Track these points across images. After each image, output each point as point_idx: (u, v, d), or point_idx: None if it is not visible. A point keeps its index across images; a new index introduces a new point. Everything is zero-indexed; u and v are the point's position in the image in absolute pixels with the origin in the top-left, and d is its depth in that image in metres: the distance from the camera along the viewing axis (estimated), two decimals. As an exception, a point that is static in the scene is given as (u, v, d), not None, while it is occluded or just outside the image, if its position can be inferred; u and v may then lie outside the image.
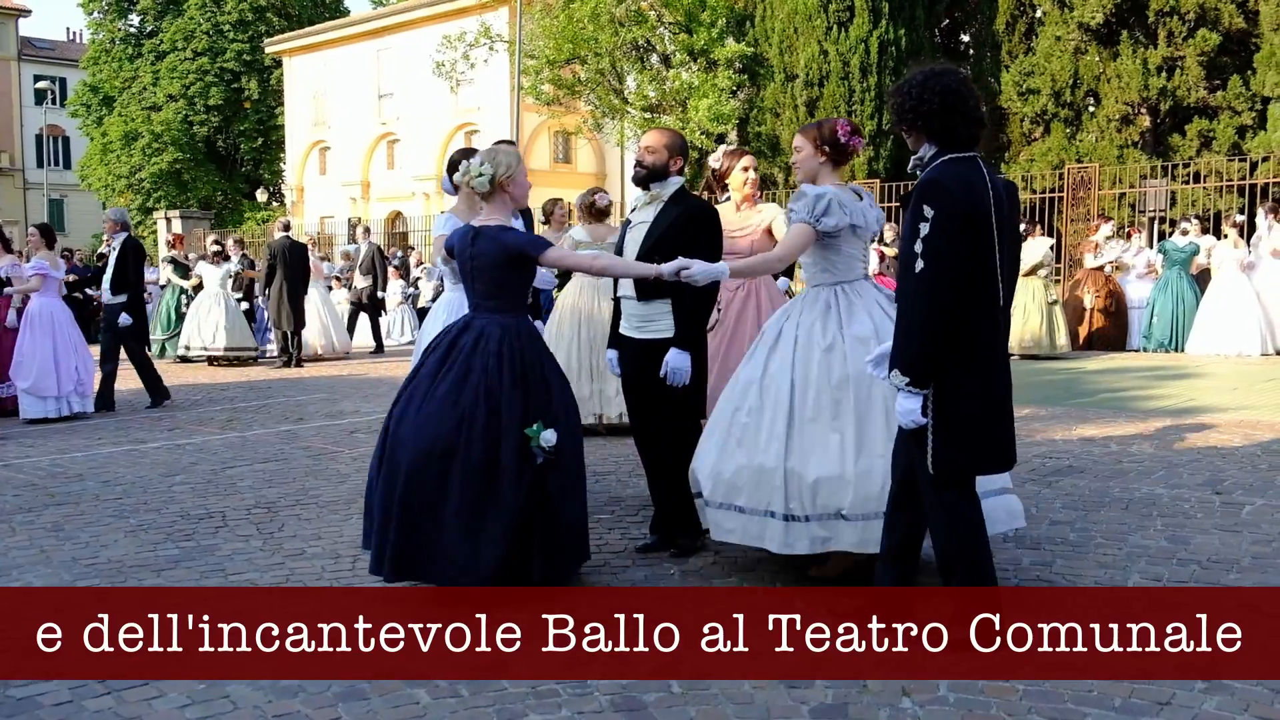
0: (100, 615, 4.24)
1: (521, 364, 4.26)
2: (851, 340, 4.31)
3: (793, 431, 4.26)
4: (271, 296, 14.97)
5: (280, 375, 13.98)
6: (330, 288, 17.12)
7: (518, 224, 6.02)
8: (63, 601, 4.47)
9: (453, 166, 6.24)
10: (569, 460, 4.32)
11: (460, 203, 6.21)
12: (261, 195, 44.28)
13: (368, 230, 20.52)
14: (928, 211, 3.53)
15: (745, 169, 6.11)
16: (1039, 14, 21.28)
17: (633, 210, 5.21)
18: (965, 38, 23.65)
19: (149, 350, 11.66)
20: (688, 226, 4.83)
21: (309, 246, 15.91)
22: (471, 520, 4.11)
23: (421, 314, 19.74)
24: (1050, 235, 15.82)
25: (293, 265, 14.91)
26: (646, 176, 4.98)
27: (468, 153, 6.24)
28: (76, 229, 60.43)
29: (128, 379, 11.06)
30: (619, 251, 5.19)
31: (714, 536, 4.52)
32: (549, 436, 4.16)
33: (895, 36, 20.76)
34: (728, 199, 6.19)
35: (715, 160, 6.32)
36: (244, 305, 16.15)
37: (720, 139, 23.28)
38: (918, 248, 3.56)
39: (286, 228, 15.80)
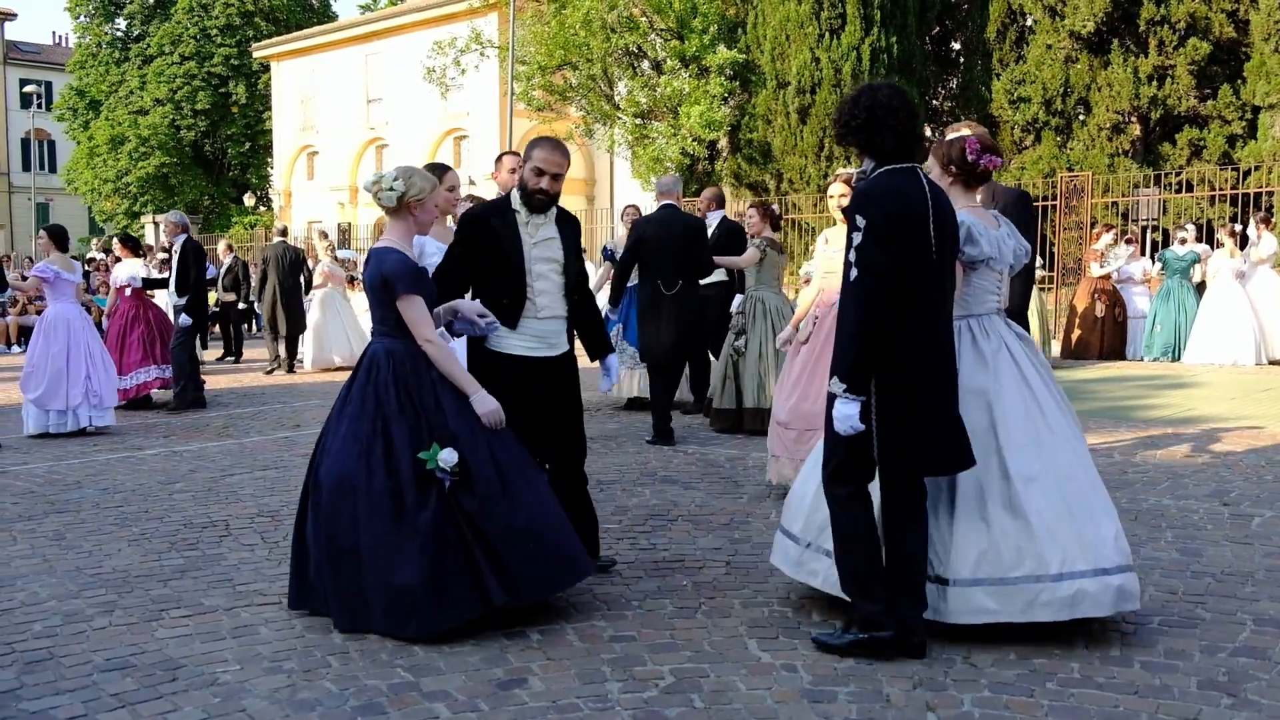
0: (109, 626, 4.21)
1: (408, 388, 4.14)
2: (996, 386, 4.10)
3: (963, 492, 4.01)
4: (265, 301, 14.83)
5: (274, 381, 13.89)
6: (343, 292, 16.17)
7: (432, 251, 6.04)
8: (71, 613, 4.41)
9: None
10: (491, 473, 4.10)
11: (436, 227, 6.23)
12: (249, 200, 44.10)
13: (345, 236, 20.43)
14: (860, 221, 3.66)
15: (834, 196, 6.60)
16: (1030, 22, 21.34)
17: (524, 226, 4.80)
18: (956, 45, 23.70)
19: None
20: (578, 236, 5.00)
21: (326, 251, 15.51)
22: (386, 553, 4.02)
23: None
24: (1041, 243, 15.84)
25: (288, 271, 14.80)
26: (550, 202, 4.75)
27: (444, 168, 6.21)
28: (61, 233, 59.89)
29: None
30: (524, 265, 4.69)
31: (957, 620, 3.93)
32: (447, 456, 4.01)
33: (887, 44, 20.79)
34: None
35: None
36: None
37: (712, 145, 23.31)
38: (851, 257, 3.70)
39: (284, 233, 15.69)
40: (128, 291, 11.12)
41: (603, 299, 8.76)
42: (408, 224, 4.32)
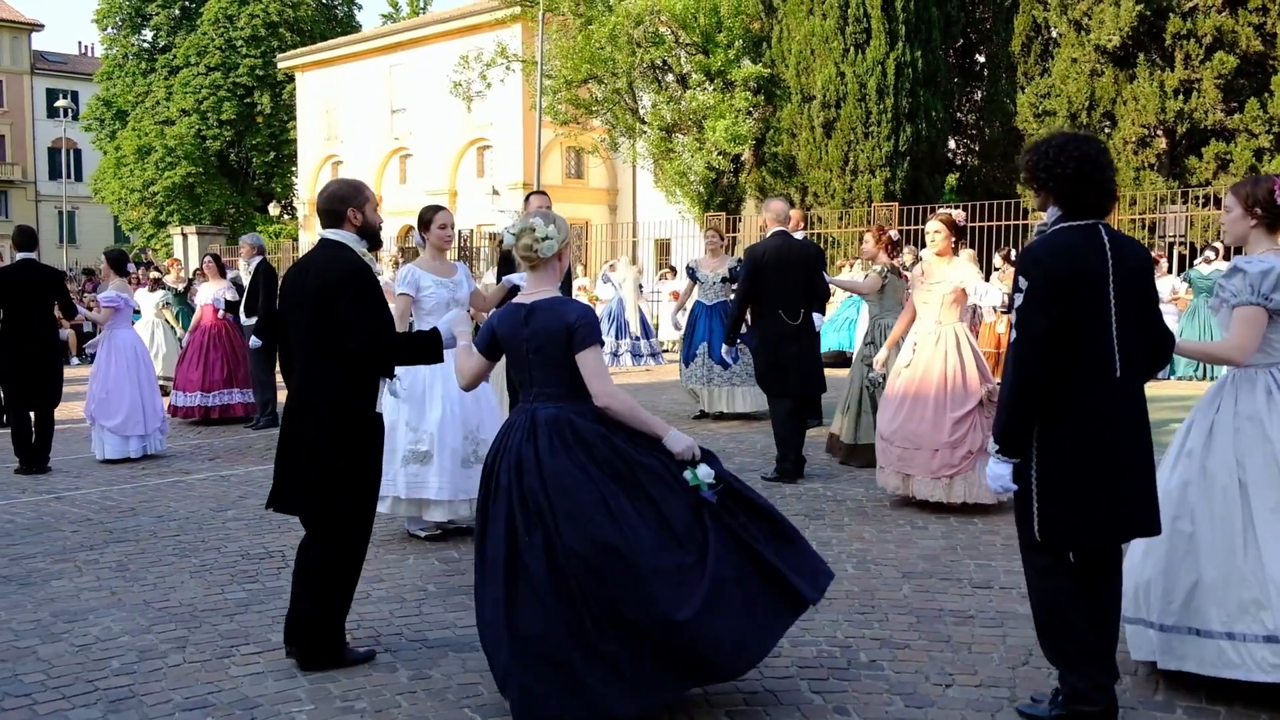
0: (184, 663, 4.37)
1: (624, 441, 3.78)
2: None
3: (1253, 536, 3.81)
4: None
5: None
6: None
7: (428, 284, 6.28)
8: (146, 649, 4.57)
9: (424, 223, 6.43)
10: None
11: (426, 256, 6.43)
12: (274, 209, 44.46)
13: (403, 250, 20.70)
14: (1022, 283, 3.57)
15: (930, 233, 7.05)
16: (1055, 35, 21.39)
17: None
18: (981, 58, 23.77)
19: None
20: None
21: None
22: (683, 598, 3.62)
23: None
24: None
25: None
26: None
27: (436, 209, 6.44)
28: (88, 242, 60.71)
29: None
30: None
31: (1162, 665, 3.96)
32: (705, 472, 3.73)
33: (912, 58, 20.87)
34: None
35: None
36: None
37: (736, 159, 23.44)
38: (1013, 318, 3.63)
39: None
40: (214, 311, 11.48)
41: (670, 315, 8.77)
42: (556, 270, 3.94)
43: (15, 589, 5.48)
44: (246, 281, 11.30)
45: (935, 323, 6.98)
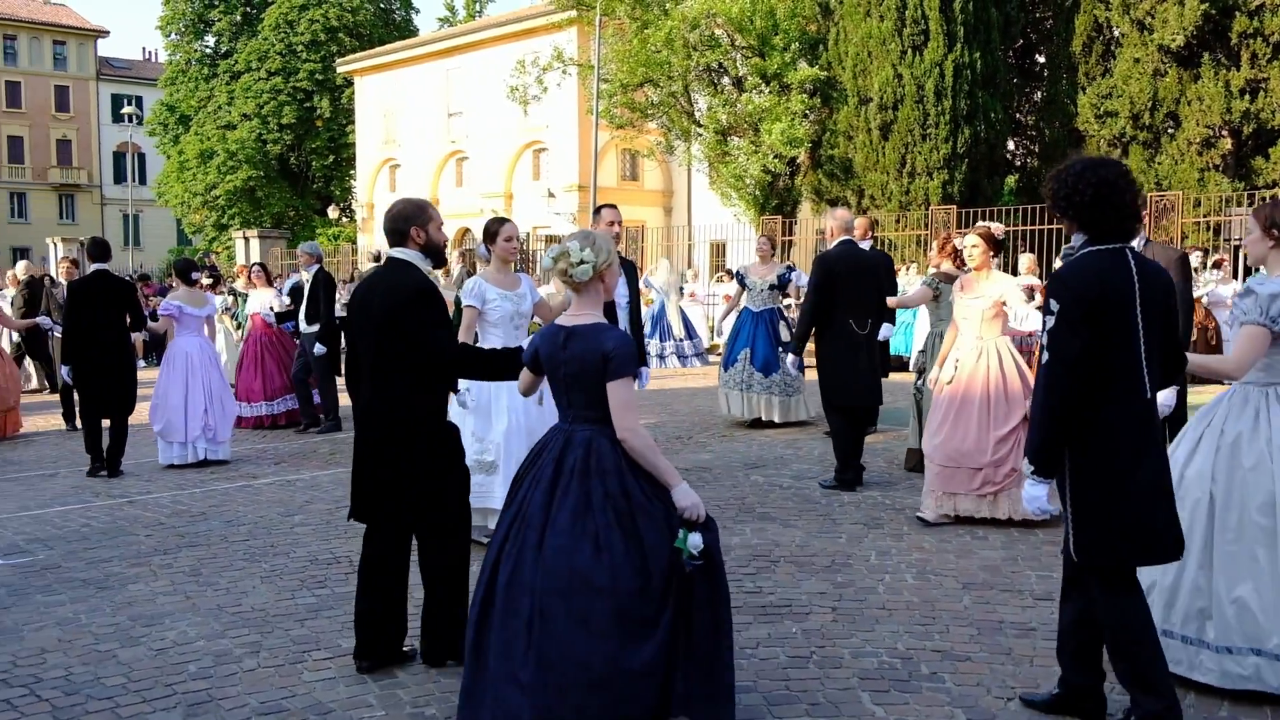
0: (258, 668, 4.49)
1: (635, 478, 3.69)
2: None
3: (1211, 550, 4.06)
4: None
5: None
6: None
7: (493, 297, 6.31)
8: (221, 653, 4.70)
9: (489, 235, 6.45)
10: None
11: (491, 269, 6.47)
12: (333, 212, 45.07)
13: (464, 254, 20.89)
14: (1053, 305, 3.64)
15: (967, 246, 7.06)
16: (1117, 35, 21.12)
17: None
18: (1041, 59, 23.51)
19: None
20: None
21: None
22: (622, 644, 3.53)
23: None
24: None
25: None
26: None
27: (501, 221, 6.46)
28: (151, 244, 61.97)
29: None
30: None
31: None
32: (696, 540, 3.57)
33: (970, 59, 20.70)
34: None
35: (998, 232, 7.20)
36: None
37: (792, 162, 23.39)
38: (1044, 340, 3.69)
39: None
40: (260, 320, 11.73)
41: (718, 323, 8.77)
42: (599, 293, 3.86)
43: (94, 592, 5.66)
44: (304, 287, 11.50)
45: (976, 338, 6.90)
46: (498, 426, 6.20)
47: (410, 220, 4.49)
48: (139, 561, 6.25)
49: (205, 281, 16.32)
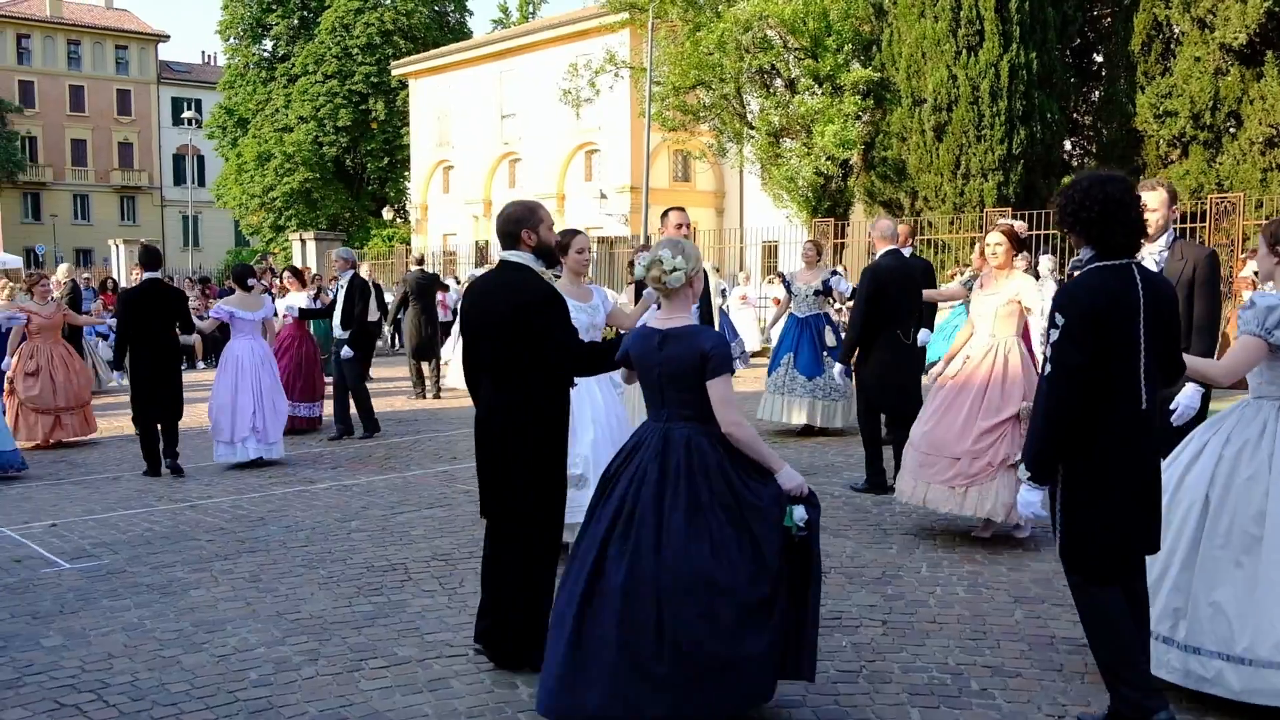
0: (316, 676, 4.58)
1: (739, 471, 3.93)
2: (1279, 473, 4.12)
3: (1197, 553, 4.17)
4: (409, 330, 15.51)
5: (422, 406, 14.47)
6: None
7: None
8: (280, 660, 4.81)
9: (561, 247, 6.38)
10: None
11: (565, 281, 6.44)
12: (387, 213, 45.54)
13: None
14: (1058, 319, 3.75)
15: (990, 244, 6.94)
16: (1177, 33, 20.79)
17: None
18: (1099, 58, 23.20)
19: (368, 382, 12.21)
20: None
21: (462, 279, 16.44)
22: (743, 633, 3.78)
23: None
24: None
25: (429, 298, 15.47)
26: None
27: (574, 233, 6.42)
28: (210, 245, 62.99)
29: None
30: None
31: (1251, 700, 4.12)
32: (801, 513, 3.88)
33: (1026, 59, 20.49)
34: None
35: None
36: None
37: (845, 163, 23.30)
38: (1048, 351, 3.80)
39: (420, 262, 16.41)
40: (288, 321, 11.86)
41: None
42: (689, 297, 4.08)
43: (158, 597, 5.80)
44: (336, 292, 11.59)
45: (989, 335, 6.78)
46: (584, 439, 6.10)
47: (522, 223, 4.63)
48: (200, 567, 6.39)
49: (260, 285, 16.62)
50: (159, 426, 9.47)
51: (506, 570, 4.63)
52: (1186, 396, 5.00)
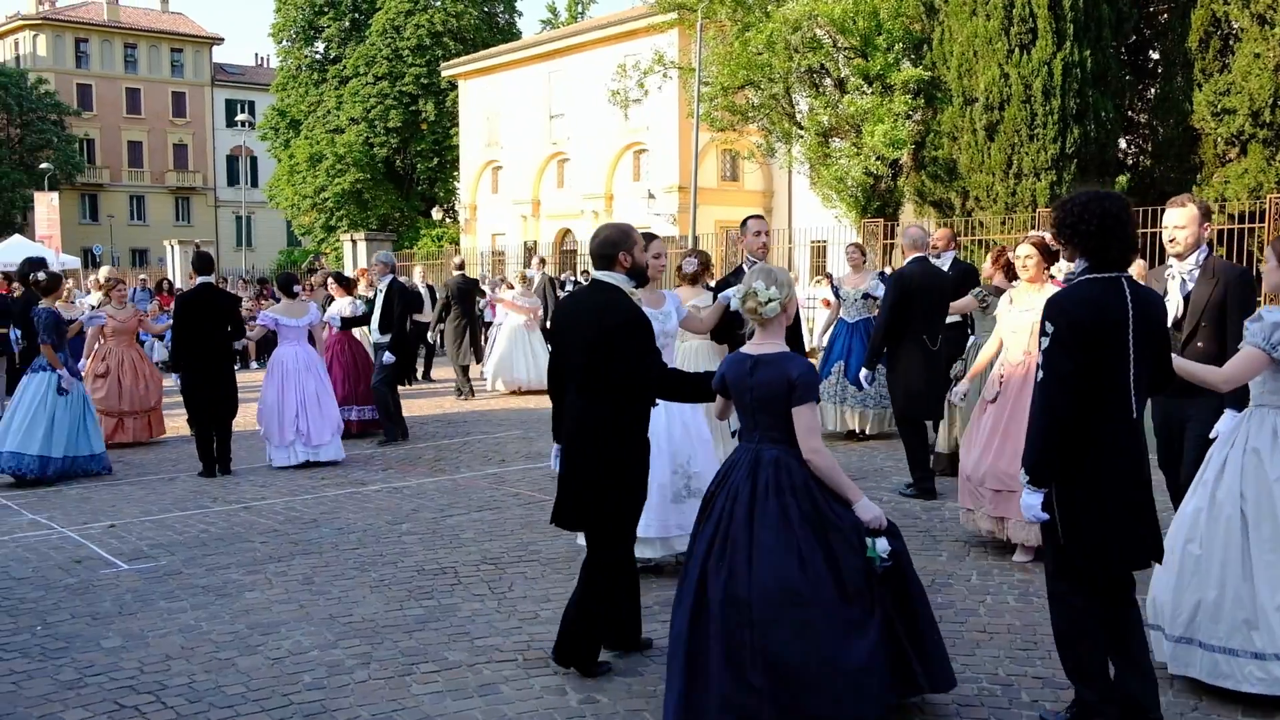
0: (369, 680, 4.64)
1: (823, 492, 4.10)
2: None
3: (1249, 564, 4.26)
4: (449, 333, 15.67)
5: (470, 407, 14.58)
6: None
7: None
8: (333, 664, 4.88)
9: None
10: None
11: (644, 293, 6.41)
12: (437, 213, 45.85)
13: (543, 260, 21.14)
14: (1049, 328, 3.88)
15: (1020, 257, 6.71)
16: (1236, 29, 20.42)
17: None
18: (1155, 55, 22.84)
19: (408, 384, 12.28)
20: None
21: (520, 280, 16.62)
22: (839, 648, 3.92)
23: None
24: (1249, 267, 15.18)
25: (469, 303, 15.60)
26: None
27: (649, 238, 6.36)
28: (262, 245, 63.80)
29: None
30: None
31: (1172, 670, 4.47)
32: (884, 545, 4.02)
33: (1080, 58, 20.21)
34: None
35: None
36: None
37: (895, 163, 23.14)
38: (1039, 359, 3.96)
39: (461, 267, 16.57)
40: (335, 328, 11.96)
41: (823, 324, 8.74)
42: (782, 323, 4.25)
43: (214, 599, 5.90)
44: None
45: (1024, 353, 6.51)
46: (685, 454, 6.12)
47: (618, 246, 4.78)
48: (255, 569, 6.49)
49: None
50: (213, 428, 9.65)
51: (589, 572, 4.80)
52: (1225, 423, 4.88)
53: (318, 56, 51.75)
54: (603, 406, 4.66)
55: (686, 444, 6.09)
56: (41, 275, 9.65)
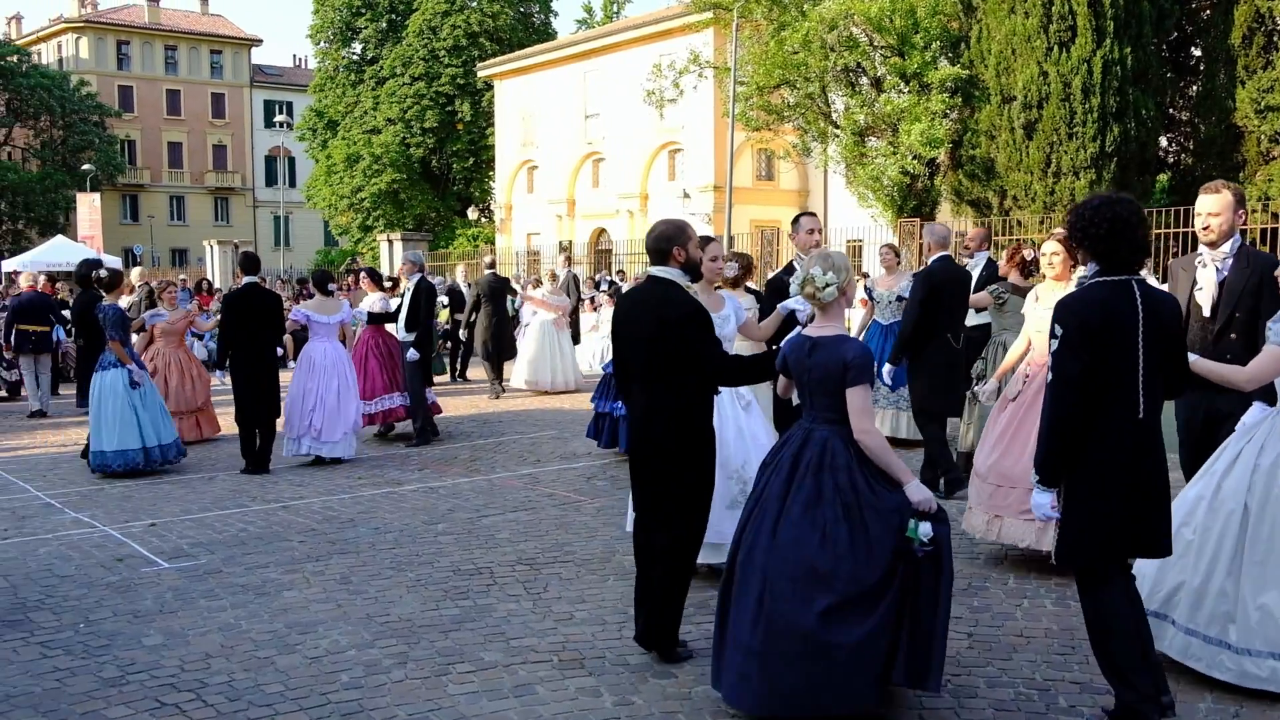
0: (405, 680, 4.67)
1: (868, 473, 4.17)
2: None
3: (1240, 560, 4.34)
4: (479, 331, 15.74)
5: (505, 408, 14.62)
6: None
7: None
8: (370, 663, 4.92)
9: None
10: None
11: (698, 289, 6.39)
12: (472, 213, 46.04)
13: (569, 257, 21.22)
14: (1058, 330, 3.97)
15: (1046, 254, 6.71)
16: (1279, 26, 20.18)
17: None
18: (1197, 52, 22.59)
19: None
20: None
21: (549, 279, 16.78)
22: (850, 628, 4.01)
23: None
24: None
25: (499, 301, 15.67)
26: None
27: (706, 240, 6.32)
28: (300, 245, 64.30)
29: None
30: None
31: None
32: (926, 529, 4.02)
33: (1120, 55, 20.04)
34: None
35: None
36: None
37: (932, 162, 23.01)
38: (1048, 360, 4.08)
39: (492, 265, 16.64)
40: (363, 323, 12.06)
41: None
42: (841, 306, 4.40)
43: (253, 598, 5.96)
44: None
45: (1048, 353, 6.49)
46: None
47: (672, 241, 4.92)
48: (293, 568, 6.55)
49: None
50: (255, 425, 9.83)
51: (654, 561, 4.89)
52: (1253, 415, 4.82)
53: (355, 57, 52.10)
54: (667, 397, 4.78)
55: (741, 449, 5.99)
56: (104, 273, 9.88)
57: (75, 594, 6.10)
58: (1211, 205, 5.26)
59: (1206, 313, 5.36)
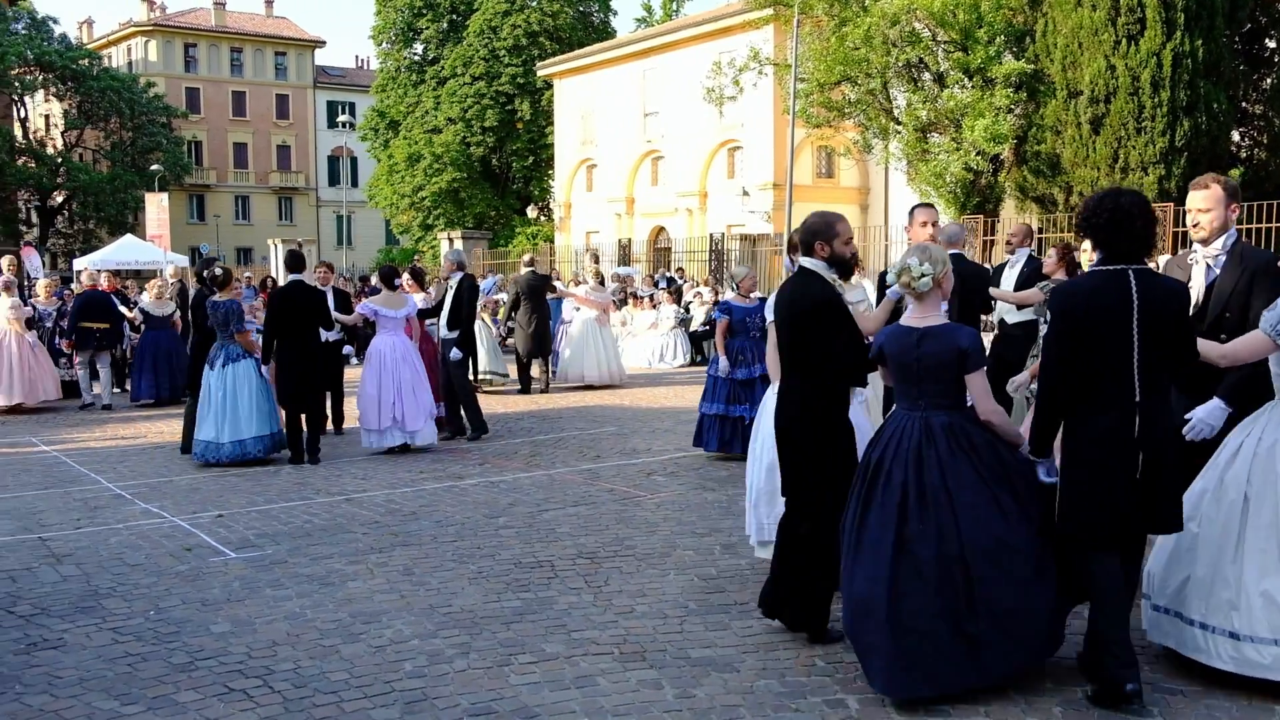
0: (468, 669, 4.70)
1: (997, 447, 4.44)
2: None
3: (1243, 545, 4.34)
4: (520, 328, 15.83)
5: (565, 404, 14.67)
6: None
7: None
8: (434, 653, 4.95)
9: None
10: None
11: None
12: (532, 212, 46.27)
13: (596, 257, 21.28)
14: (1047, 316, 4.21)
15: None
16: (1356, 17, 19.68)
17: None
18: (1271, 44, 22.08)
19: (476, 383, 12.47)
20: None
21: (593, 275, 16.81)
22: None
23: (694, 339, 20.17)
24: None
25: (539, 299, 15.74)
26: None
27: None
28: (362, 244, 65.10)
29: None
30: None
31: (1150, 638, 4.67)
32: (1042, 473, 4.39)
33: (1191, 48, 19.63)
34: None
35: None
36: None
37: (995, 159, 22.71)
38: (1041, 343, 4.35)
39: (531, 263, 16.72)
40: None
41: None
42: (939, 296, 4.58)
43: (318, 588, 6.03)
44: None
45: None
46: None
47: (817, 235, 5.07)
48: (357, 559, 6.62)
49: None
50: (303, 416, 10.11)
51: (797, 544, 5.03)
52: (1206, 410, 4.72)
53: (416, 58, 52.62)
54: (804, 386, 4.93)
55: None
56: (218, 271, 10.18)
57: (145, 582, 6.21)
58: (1201, 201, 5.01)
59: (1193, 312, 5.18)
